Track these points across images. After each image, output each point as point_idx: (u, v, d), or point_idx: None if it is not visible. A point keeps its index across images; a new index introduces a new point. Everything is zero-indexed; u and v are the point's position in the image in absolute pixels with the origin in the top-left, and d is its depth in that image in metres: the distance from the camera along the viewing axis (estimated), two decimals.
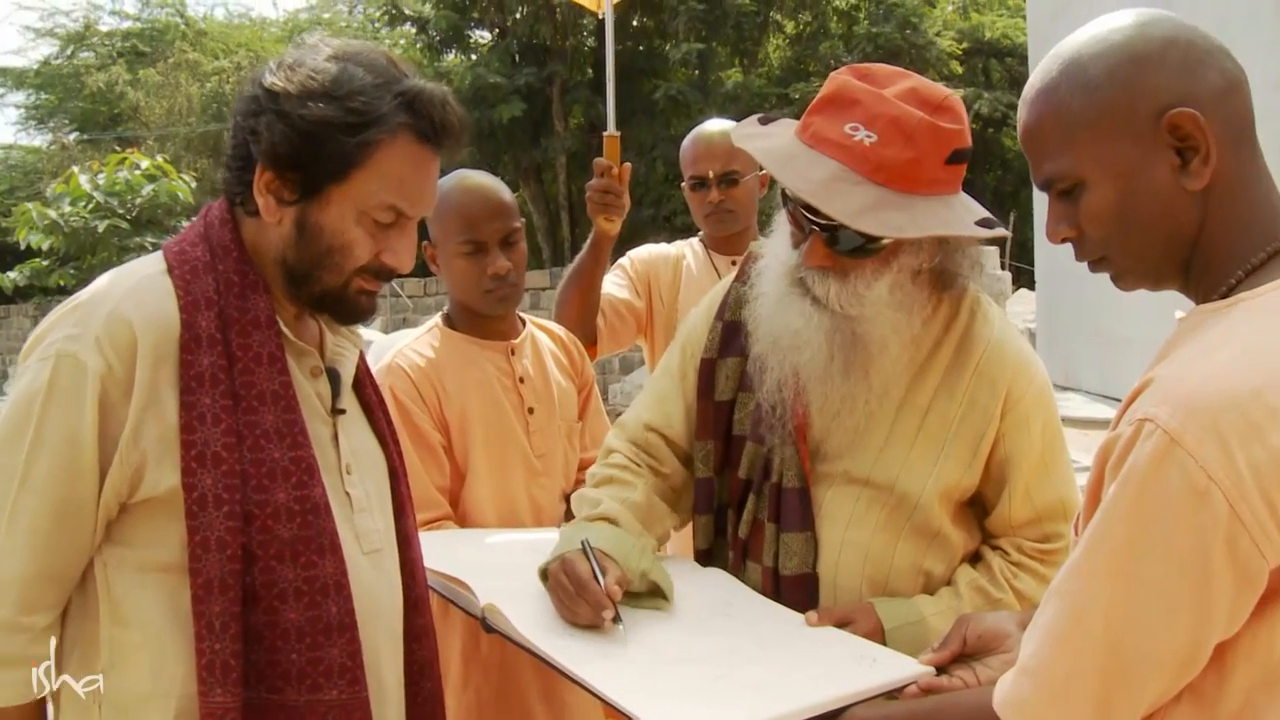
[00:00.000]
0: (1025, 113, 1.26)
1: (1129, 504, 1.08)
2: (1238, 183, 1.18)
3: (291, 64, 1.47)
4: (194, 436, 1.40)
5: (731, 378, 1.95)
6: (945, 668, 1.51)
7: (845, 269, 1.71)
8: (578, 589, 1.67)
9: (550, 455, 2.45)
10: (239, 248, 1.52)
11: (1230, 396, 1.05)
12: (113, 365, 1.40)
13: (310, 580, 1.45)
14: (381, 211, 1.49)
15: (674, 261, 3.10)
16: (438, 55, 22.18)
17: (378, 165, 1.46)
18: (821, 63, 22.18)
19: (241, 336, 1.47)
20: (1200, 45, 1.18)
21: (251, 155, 1.47)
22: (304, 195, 1.47)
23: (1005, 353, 1.81)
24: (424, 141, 1.49)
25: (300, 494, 1.46)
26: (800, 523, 1.81)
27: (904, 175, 1.65)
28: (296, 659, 1.43)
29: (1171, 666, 1.09)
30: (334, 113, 1.43)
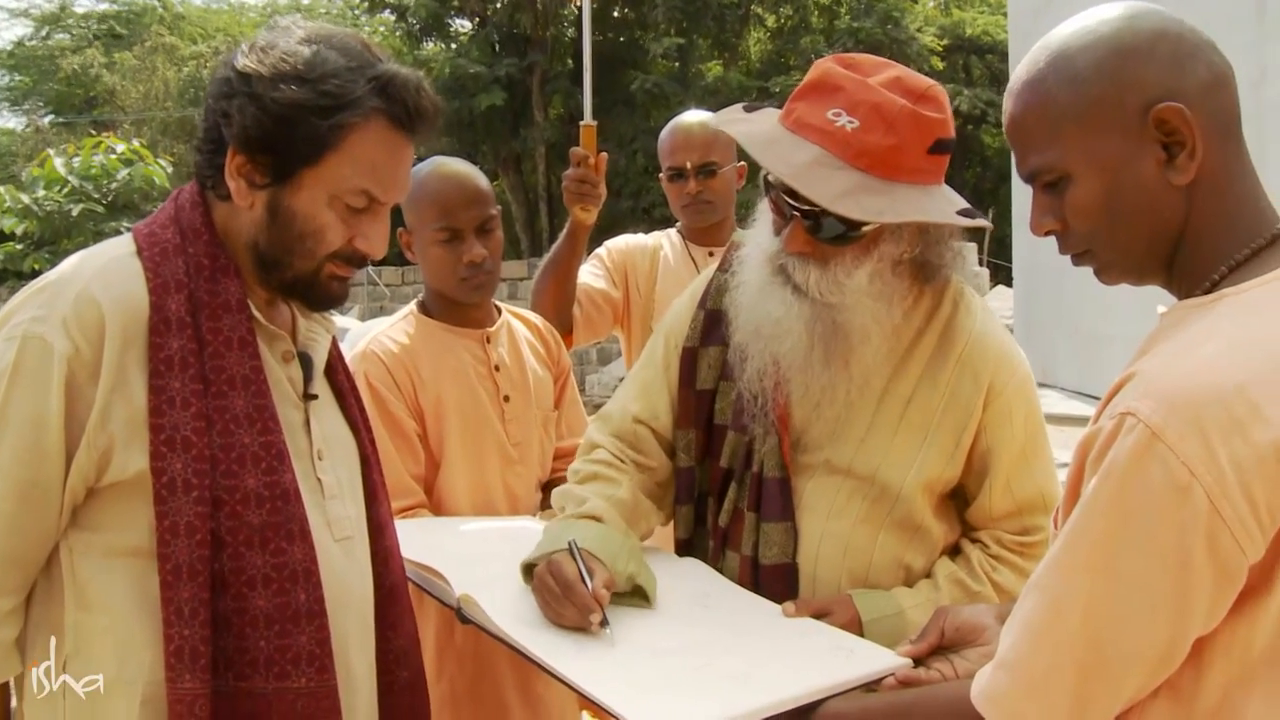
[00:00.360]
0: (1011, 104, 1.25)
1: (1109, 498, 1.07)
2: (1224, 178, 1.18)
3: (264, 46, 1.45)
4: (163, 420, 1.38)
5: (713, 366, 1.94)
6: (923, 660, 1.50)
7: (825, 256, 1.71)
8: (565, 591, 1.64)
9: (526, 444, 2.44)
10: (210, 231, 1.50)
11: (1213, 391, 1.04)
12: (80, 347, 1.38)
13: (279, 567, 1.43)
14: (354, 196, 1.47)
15: (651, 252, 3.09)
16: (417, 43, 22.08)
17: (350, 149, 1.44)
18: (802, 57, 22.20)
19: (212, 320, 1.45)
20: (1189, 39, 1.17)
21: (223, 138, 1.45)
22: (276, 179, 1.45)
23: (988, 344, 1.80)
24: (397, 126, 1.48)
25: (270, 480, 1.44)
26: (780, 512, 1.80)
27: (885, 162, 1.65)
28: (265, 646, 1.42)
29: (1150, 661, 1.09)
30: (306, 95, 1.41)
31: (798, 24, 22.49)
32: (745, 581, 1.82)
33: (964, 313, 1.83)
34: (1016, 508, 1.81)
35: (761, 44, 23.68)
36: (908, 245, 1.75)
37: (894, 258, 1.74)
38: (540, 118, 20.97)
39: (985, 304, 1.89)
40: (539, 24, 20.69)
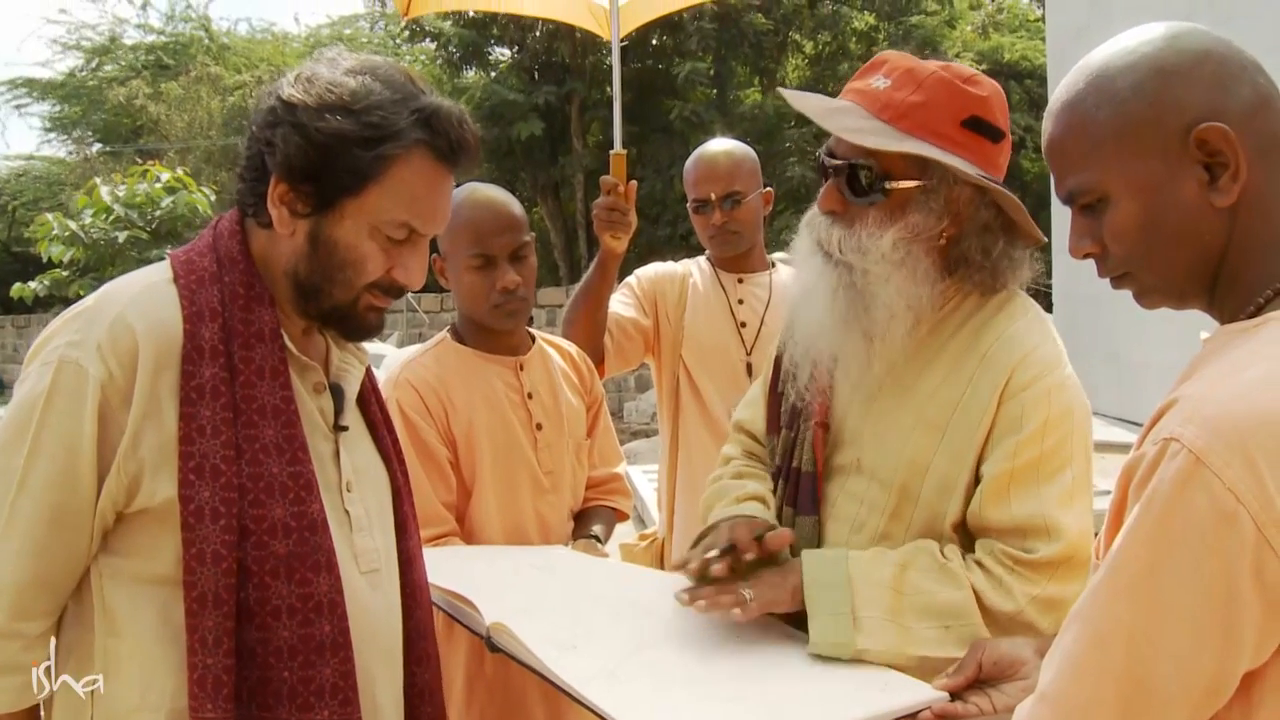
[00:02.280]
0: (1050, 125, 1.23)
1: (1153, 526, 1.04)
2: (1268, 200, 1.15)
3: (309, 77, 1.47)
4: (192, 448, 1.39)
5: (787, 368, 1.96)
6: (960, 694, 1.47)
7: (852, 218, 1.73)
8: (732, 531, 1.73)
9: (558, 472, 2.42)
10: (246, 259, 1.51)
11: (1259, 417, 1.01)
12: (114, 372, 1.39)
13: (305, 598, 1.43)
14: (395, 228, 1.48)
15: (680, 279, 3.08)
16: (457, 72, 22.26)
17: (392, 181, 1.45)
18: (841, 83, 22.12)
19: (245, 349, 1.45)
20: (1233, 60, 1.15)
21: (266, 166, 1.47)
22: (318, 208, 1.47)
23: (1017, 344, 1.74)
24: (439, 159, 1.49)
25: (298, 510, 1.44)
26: (810, 508, 1.81)
27: (907, 116, 1.68)
28: (289, 677, 1.41)
29: (1195, 695, 1.05)
30: (350, 126, 1.43)
31: (836, 50, 22.47)
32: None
33: (1005, 316, 1.78)
34: (1014, 525, 1.67)
35: (800, 70, 23.67)
36: (938, 221, 1.72)
37: (924, 232, 1.72)
38: (579, 145, 21.07)
39: (1039, 314, 1.80)
40: (577, 52, 20.81)
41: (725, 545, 1.71)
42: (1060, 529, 1.65)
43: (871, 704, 1.46)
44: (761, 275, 3.07)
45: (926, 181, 1.71)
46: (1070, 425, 1.71)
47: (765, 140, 19.93)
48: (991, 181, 1.71)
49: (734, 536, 1.73)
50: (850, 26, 21.74)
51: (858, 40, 22.23)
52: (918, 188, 1.70)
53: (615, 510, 2.60)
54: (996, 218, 1.76)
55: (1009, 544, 1.67)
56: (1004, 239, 1.77)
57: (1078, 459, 1.71)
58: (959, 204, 1.72)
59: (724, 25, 20.08)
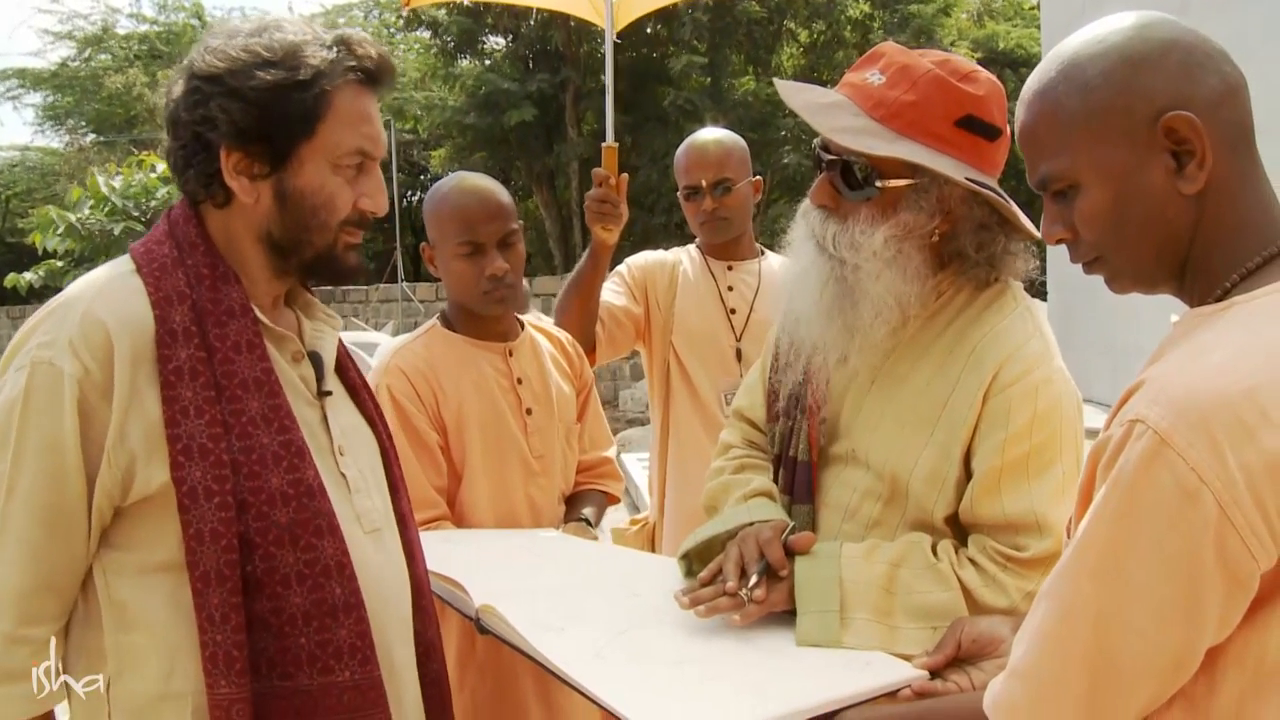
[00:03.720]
0: (1022, 112, 1.24)
1: (1118, 505, 1.06)
2: (1234, 187, 1.17)
3: (216, 48, 1.49)
4: (178, 430, 1.40)
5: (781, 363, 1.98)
6: (939, 672, 1.49)
7: (845, 213, 1.74)
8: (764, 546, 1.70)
9: (548, 456, 2.45)
10: (206, 241, 1.52)
11: (1222, 397, 1.03)
12: (89, 368, 1.39)
13: (311, 563, 1.45)
14: (350, 157, 1.52)
15: (671, 268, 3.11)
16: (451, 60, 22.23)
17: (337, 113, 1.50)
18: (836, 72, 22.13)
19: (218, 327, 1.47)
20: (1200, 49, 1.17)
21: (211, 144, 1.48)
22: (276, 164, 1.49)
23: (1005, 340, 1.73)
24: (367, 83, 1.54)
25: (293, 477, 1.46)
26: (806, 496, 1.83)
27: (900, 116, 1.68)
28: (305, 643, 1.43)
29: (1162, 670, 1.07)
30: (283, 74, 1.47)
31: (830, 39, 22.46)
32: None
33: (995, 310, 1.78)
34: (1006, 521, 1.67)
35: (794, 59, 23.65)
36: (929, 220, 1.72)
37: (916, 229, 1.72)
38: (573, 134, 21.05)
39: (1030, 307, 1.80)
40: (572, 40, 20.79)
41: (761, 567, 1.69)
42: (1051, 525, 1.65)
43: (853, 682, 1.48)
44: (751, 263, 3.09)
45: (918, 180, 1.70)
46: (1059, 420, 1.70)
47: (759, 129, 19.91)
48: (981, 184, 1.69)
49: (769, 555, 1.70)
50: (845, 15, 21.73)
51: (852, 28, 22.21)
52: (909, 186, 1.70)
53: (606, 494, 2.62)
54: (992, 214, 1.75)
55: (1001, 540, 1.67)
56: (1002, 234, 1.77)
57: (1067, 453, 1.70)
58: (951, 202, 1.72)
59: (718, 14, 20.06)
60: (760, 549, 1.71)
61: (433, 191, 2.46)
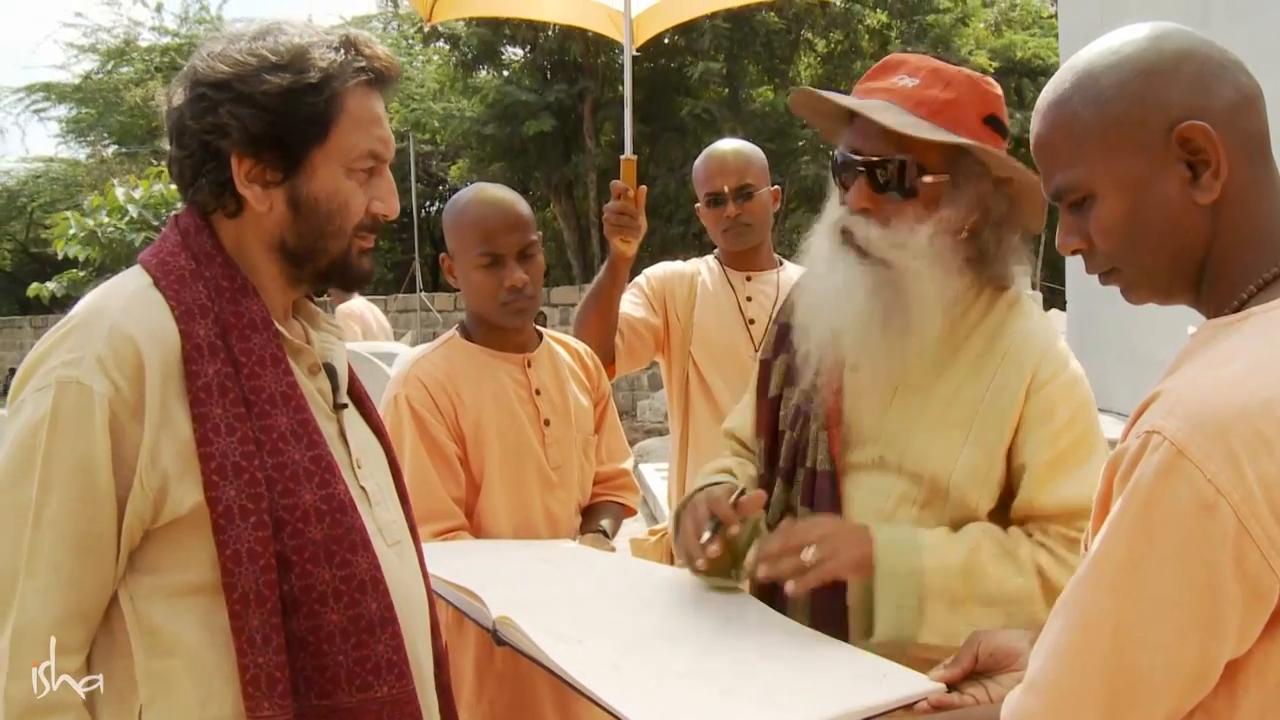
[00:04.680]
0: (1037, 123, 1.25)
1: (1135, 517, 1.06)
2: (1250, 197, 1.17)
3: (221, 53, 1.45)
4: (211, 449, 1.36)
5: (780, 374, 2.00)
6: (957, 685, 1.49)
7: (887, 214, 1.77)
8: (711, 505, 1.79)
9: (566, 467, 2.45)
10: (221, 253, 1.48)
11: (1239, 409, 1.03)
12: (119, 386, 1.35)
13: (347, 579, 1.42)
14: (363, 160, 1.49)
15: (689, 278, 3.13)
16: (470, 72, 22.29)
17: (348, 116, 1.47)
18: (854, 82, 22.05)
19: (242, 341, 1.43)
20: (1215, 59, 1.17)
21: (221, 153, 1.45)
22: (289, 171, 1.46)
23: (1035, 342, 1.82)
24: (374, 83, 1.51)
25: (325, 493, 1.43)
26: (829, 506, 1.83)
27: (940, 112, 1.75)
28: (344, 660, 1.41)
29: (1181, 683, 1.07)
30: (293, 78, 1.43)
31: (848, 49, 22.39)
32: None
33: (1017, 314, 1.86)
34: (1064, 509, 1.74)
35: (812, 69, 23.61)
36: (966, 214, 1.78)
37: (953, 225, 1.77)
38: (591, 144, 21.06)
39: (1044, 314, 1.89)
40: (589, 51, 20.81)
41: (713, 524, 1.76)
42: None
43: (869, 695, 1.48)
44: (770, 273, 3.11)
45: (955, 176, 1.77)
46: (1091, 415, 1.81)
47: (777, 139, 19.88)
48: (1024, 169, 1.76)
49: (716, 512, 1.78)
50: (863, 24, 21.68)
51: (870, 38, 22.15)
52: (948, 181, 1.76)
53: (623, 505, 2.63)
54: (1008, 210, 1.82)
55: (1062, 525, 1.74)
56: (1015, 231, 1.84)
57: (1100, 445, 1.79)
58: (984, 197, 1.79)
59: (736, 24, 20.05)
60: (710, 509, 1.79)
61: (452, 202, 2.47)
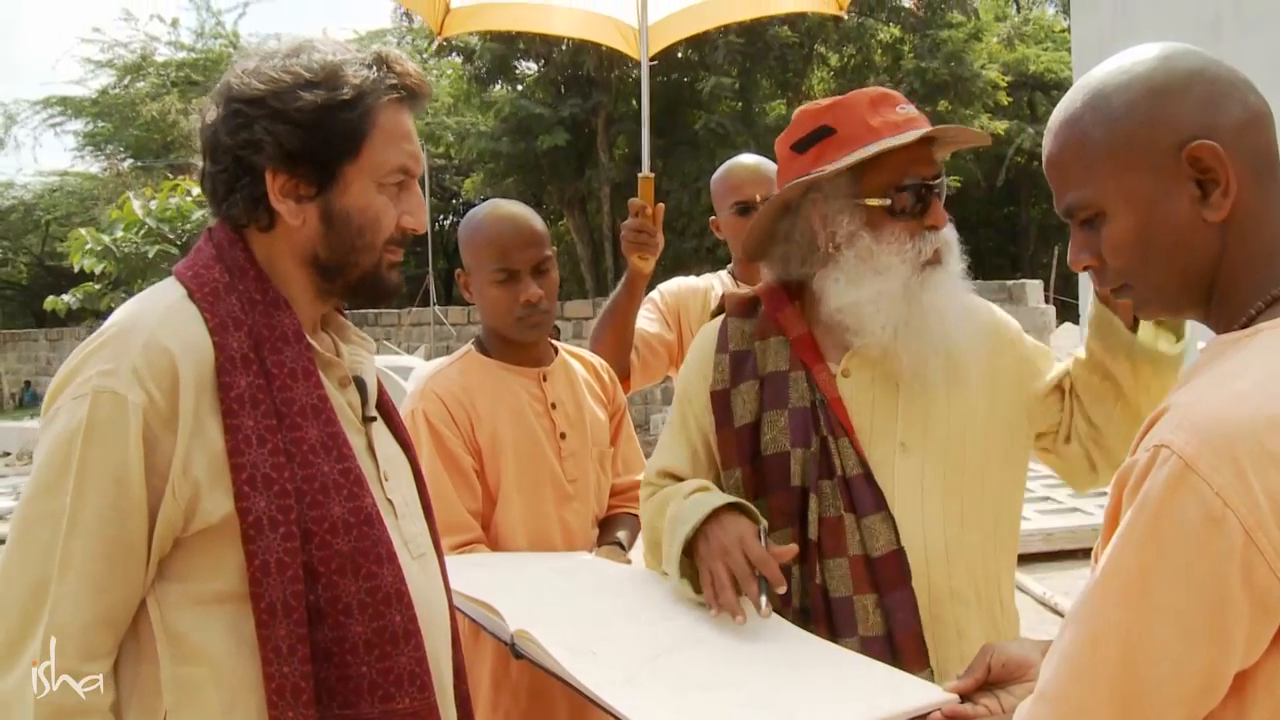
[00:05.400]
0: (1049, 142, 1.27)
1: (1144, 530, 1.07)
2: (1260, 215, 1.18)
3: (255, 70, 1.48)
4: (243, 460, 1.38)
5: (749, 401, 2.00)
6: (969, 695, 1.50)
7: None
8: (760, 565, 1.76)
9: (582, 480, 2.47)
10: (254, 266, 1.51)
11: (1247, 424, 1.05)
12: (154, 397, 1.37)
13: (372, 591, 1.44)
14: (393, 175, 1.52)
15: (703, 293, 3.14)
16: (484, 87, 22.41)
17: (380, 132, 1.50)
18: None
19: (274, 354, 1.45)
20: (1224, 78, 1.19)
21: (255, 168, 1.48)
22: (321, 185, 1.49)
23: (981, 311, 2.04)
24: (405, 100, 1.54)
25: (353, 505, 1.45)
26: (874, 505, 1.88)
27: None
28: (367, 671, 1.42)
29: (1190, 695, 1.08)
30: (328, 94, 1.46)
31: (861, 63, 22.46)
32: (860, 578, 1.85)
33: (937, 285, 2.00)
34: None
35: (825, 83, 23.67)
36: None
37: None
38: (605, 159, 21.14)
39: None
40: (603, 66, 20.90)
41: (763, 584, 1.75)
42: None
43: (883, 706, 1.49)
44: None
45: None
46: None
47: None
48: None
49: (766, 575, 1.77)
50: (875, 39, 21.74)
51: (883, 53, 22.21)
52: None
53: (638, 516, 2.64)
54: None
55: None
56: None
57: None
58: None
59: (749, 38, 20.11)
60: (751, 565, 1.77)
61: (468, 218, 2.50)
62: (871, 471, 1.90)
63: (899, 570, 1.85)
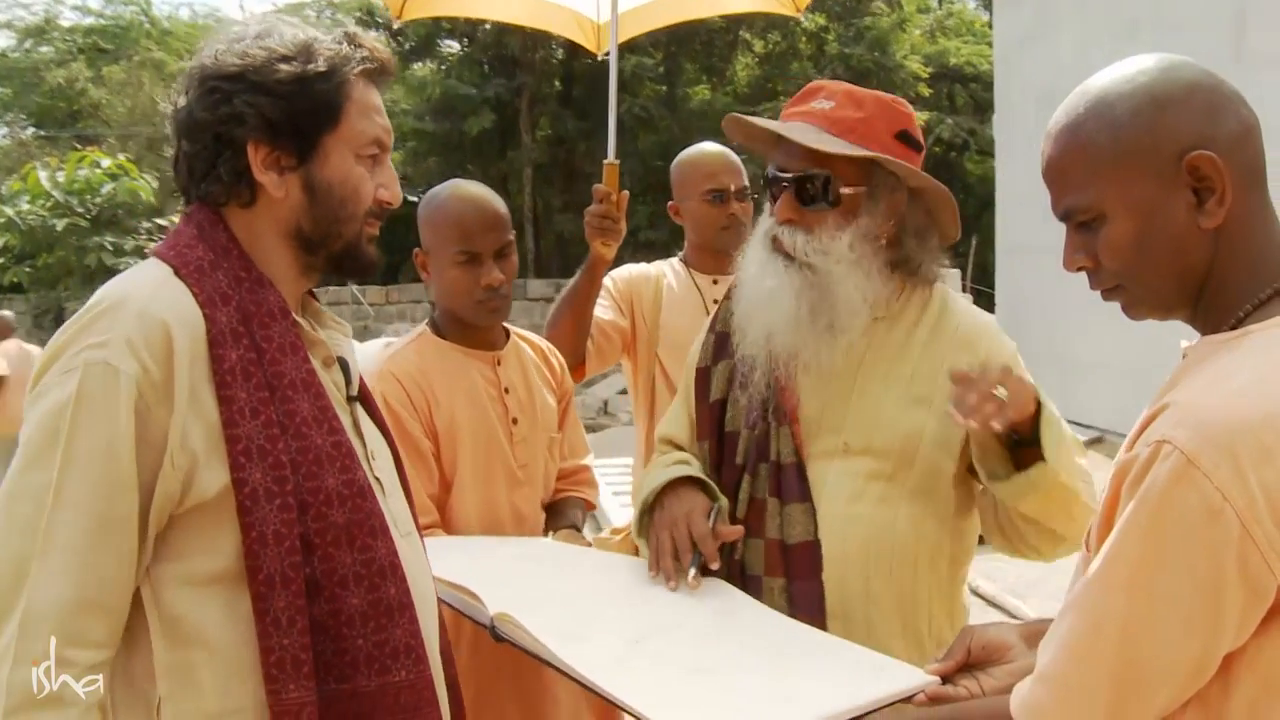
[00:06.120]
0: (1050, 147, 1.30)
1: (1147, 521, 1.12)
2: (1248, 223, 1.24)
3: (229, 47, 1.49)
4: (238, 431, 1.38)
5: (721, 379, 2.11)
6: (950, 677, 1.54)
7: (810, 223, 1.94)
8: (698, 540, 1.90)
9: (532, 465, 2.47)
10: (236, 245, 1.51)
11: (1244, 422, 1.10)
12: (148, 368, 1.36)
13: (367, 563, 1.44)
14: (369, 147, 1.54)
15: (655, 280, 3.15)
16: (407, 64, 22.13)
17: (355, 104, 1.52)
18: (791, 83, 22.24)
19: (263, 329, 1.46)
20: (1221, 92, 1.24)
21: (236, 141, 1.48)
22: (303, 156, 1.50)
23: (979, 324, 2.06)
24: (374, 76, 1.57)
25: (346, 478, 1.46)
26: (799, 495, 1.94)
27: (853, 130, 1.92)
28: (363, 644, 1.43)
29: (1182, 676, 1.14)
30: (304, 67, 1.48)
31: (786, 50, 22.65)
32: (773, 561, 1.92)
33: (952, 306, 2.07)
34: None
35: (749, 69, 23.82)
36: (882, 222, 1.96)
37: (872, 233, 1.95)
38: (528, 139, 21.03)
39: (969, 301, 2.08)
40: (527, 46, 20.78)
41: (696, 558, 1.90)
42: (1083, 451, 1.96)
43: (869, 690, 1.52)
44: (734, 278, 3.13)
45: (870, 187, 1.94)
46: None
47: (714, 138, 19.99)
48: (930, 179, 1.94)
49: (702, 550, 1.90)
50: (800, 27, 21.91)
51: (808, 40, 22.41)
52: (864, 193, 1.94)
53: (585, 500, 2.65)
54: (926, 220, 2.02)
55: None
56: (934, 235, 2.03)
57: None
58: (898, 206, 1.97)
59: None
60: (693, 540, 1.91)
61: (429, 197, 2.47)
62: (804, 463, 1.95)
63: (810, 561, 1.91)
